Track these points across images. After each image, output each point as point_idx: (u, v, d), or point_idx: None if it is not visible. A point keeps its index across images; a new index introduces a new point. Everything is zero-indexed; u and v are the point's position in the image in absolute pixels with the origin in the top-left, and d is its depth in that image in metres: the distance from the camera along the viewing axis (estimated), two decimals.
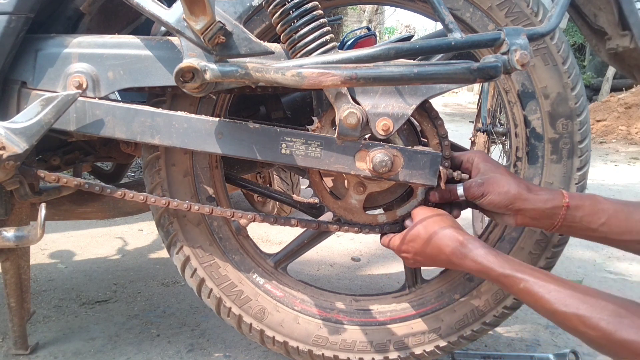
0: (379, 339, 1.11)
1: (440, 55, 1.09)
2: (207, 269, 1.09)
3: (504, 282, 0.83)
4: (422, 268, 1.18)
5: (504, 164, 2.22)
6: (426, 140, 1.04)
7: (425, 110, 1.02)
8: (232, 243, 1.11)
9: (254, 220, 1.03)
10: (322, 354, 1.10)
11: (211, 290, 1.10)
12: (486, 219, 1.18)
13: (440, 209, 1.00)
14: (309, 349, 1.10)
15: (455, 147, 1.12)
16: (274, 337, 1.10)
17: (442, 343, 1.10)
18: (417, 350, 1.10)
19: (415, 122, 1.05)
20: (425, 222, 0.95)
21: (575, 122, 1.03)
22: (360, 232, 1.05)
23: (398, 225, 1.06)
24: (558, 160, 1.05)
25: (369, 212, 1.08)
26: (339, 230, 1.06)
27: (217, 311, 1.12)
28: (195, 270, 1.09)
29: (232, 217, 1.02)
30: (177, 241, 1.09)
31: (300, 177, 2.49)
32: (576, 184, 1.05)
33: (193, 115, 0.98)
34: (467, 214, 2.53)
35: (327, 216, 1.15)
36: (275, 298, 1.11)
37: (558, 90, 1.02)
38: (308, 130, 0.99)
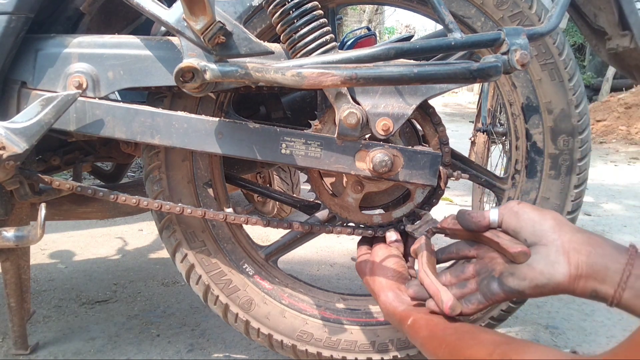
0: (365, 339, 1.10)
1: (461, 54, 1.09)
2: (197, 255, 1.09)
3: (401, 325, 0.82)
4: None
5: (504, 164, 2.23)
6: (427, 145, 1.04)
7: (428, 115, 1.02)
8: (224, 231, 1.11)
9: (246, 223, 1.04)
10: (306, 349, 1.10)
11: (200, 276, 1.10)
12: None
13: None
14: (292, 344, 1.10)
15: (455, 155, 1.12)
16: (259, 329, 1.10)
17: None
18: (402, 354, 1.10)
19: (418, 126, 1.05)
20: (374, 265, 0.96)
21: (576, 139, 1.03)
22: (353, 233, 1.06)
23: (392, 227, 1.07)
24: (556, 176, 1.05)
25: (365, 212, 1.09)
26: (332, 232, 1.06)
27: (204, 298, 1.12)
28: (186, 255, 1.09)
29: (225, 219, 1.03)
30: (170, 225, 1.09)
31: (300, 177, 2.49)
32: (572, 201, 1.05)
33: (193, 115, 0.98)
34: None
35: (322, 213, 1.15)
36: (264, 290, 1.11)
37: (562, 106, 1.02)
38: (310, 127, 0.99)
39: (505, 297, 0.75)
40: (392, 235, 1.03)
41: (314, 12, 0.90)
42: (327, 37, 0.90)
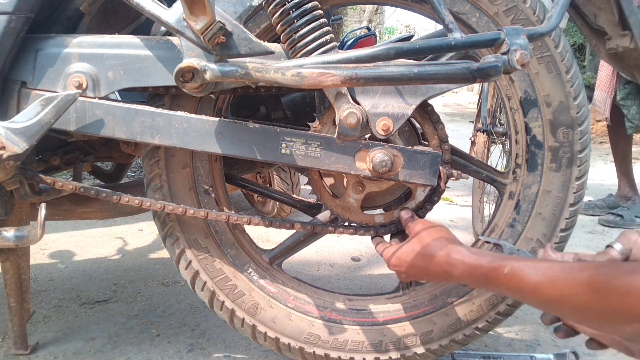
0: (371, 339, 1.11)
1: (450, 55, 1.10)
2: (202, 261, 1.09)
3: (491, 276, 0.78)
4: None
5: (504, 164, 2.23)
6: (427, 143, 1.04)
7: (427, 113, 1.02)
8: (227, 237, 1.11)
9: (249, 224, 1.04)
10: (314, 351, 1.10)
11: (205, 283, 1.10)
12: (486, 219, 1.18)
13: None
14: (300, 347, 1.10)
15: (456, 151, 1.12)
16: (265, 332, 1.11)
17: (434, 346, 1.10)
18: (409, 352, 1.10)
19: (417, 125, 1.05)
20: (421, 235, 0.92)
21: (576, 131, 1.03)
22: (355, 233, 1.06)
23: (394, 226, 1.07)
24: (557, 168, 1.05)
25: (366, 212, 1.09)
26: (334, 233, 1.06)
27: (210, 304, 1.12)
28: (190, 262, 1.09)
29: (228, 220, 1.03)
30: (173, 232, 1.09)
31: (300, 177, 2.49)
32: (574, 193, 1.05)
33: (193, 115, 0.98)
34: (467, 214, 2.54)
35: (324, 215, 1.15)
36: (269, 294, 1.11)
37: (560, 99, 1.02)
38: (310, 128, 0.99)
39: None
40: (407, 212, 1.02)
41: (314, 12, 0.90)
42: (327, 37, 0.90)
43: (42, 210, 0.98)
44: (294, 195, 1.75)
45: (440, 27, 0.93)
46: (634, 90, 2.67)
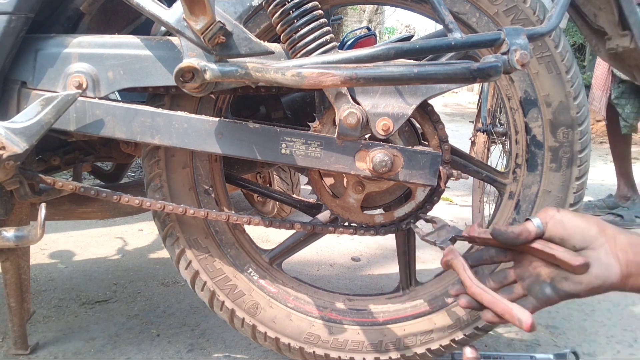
0: (371, 339, 1.11)
1: (450, 55, 1.10)
2: (202, 261, 1.09)
3: None
4: (416, 270, 1.19)
5: (504, 164, 2.23)
6: (427, 143, 1.04)
7: (427, 113, 1.02)
8: (227, 237, 1.11)
9: (249, 224, 1.04)
10: (314, 351, 1.10)
11: (205, 283, 1.10)
12: (486, 219, 1.18)
13: None
14: (300, 347, 1.10)
15: (456, 151, 1.12)
16: (265, 332, 1.11)
17: (434, 346, 1.10)
18: (409, 352, 1.10)
19: (417, 125, 1.05)
20: None
21: (576, 131, 1.03)
22: (355, 233, 1.06)
23: (394, 226, 1.07)
24: (557, 168, 1.05)
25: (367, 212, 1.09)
26: (334, 233, 1.06)
27: (210, 304, 1.12)
28: (190, 262, 1.09)
29: (227, 220, 1.03)
30: (173, 232, 1.09)
31: (300, 177, 2.49)
32: (574, 192, 1.05)
33: (193, 115, 0.98)
34: (467, 214, 2.54)
35: (324, 215, 1.15)
36: (269, 294, 1.12)
37: (560, 98, 1.02)
38: (310, 128, 0.99)
39: (559, 300, 0.78)
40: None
41: (314, 12, 0.90)
42: (327, 37, 0.90)
43: (42, 210, 0.98)
44: (294, 195, 1.75)
45: (440, 27, 0.93)
46: (628, 89, 2.67)
